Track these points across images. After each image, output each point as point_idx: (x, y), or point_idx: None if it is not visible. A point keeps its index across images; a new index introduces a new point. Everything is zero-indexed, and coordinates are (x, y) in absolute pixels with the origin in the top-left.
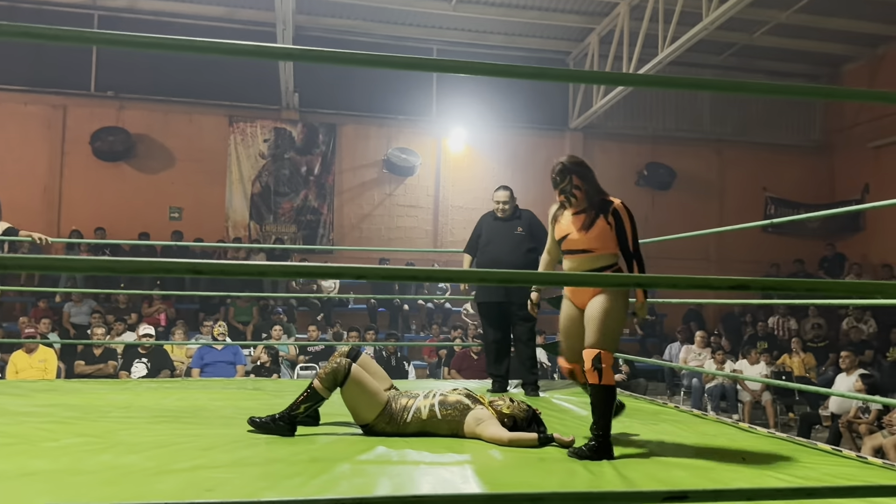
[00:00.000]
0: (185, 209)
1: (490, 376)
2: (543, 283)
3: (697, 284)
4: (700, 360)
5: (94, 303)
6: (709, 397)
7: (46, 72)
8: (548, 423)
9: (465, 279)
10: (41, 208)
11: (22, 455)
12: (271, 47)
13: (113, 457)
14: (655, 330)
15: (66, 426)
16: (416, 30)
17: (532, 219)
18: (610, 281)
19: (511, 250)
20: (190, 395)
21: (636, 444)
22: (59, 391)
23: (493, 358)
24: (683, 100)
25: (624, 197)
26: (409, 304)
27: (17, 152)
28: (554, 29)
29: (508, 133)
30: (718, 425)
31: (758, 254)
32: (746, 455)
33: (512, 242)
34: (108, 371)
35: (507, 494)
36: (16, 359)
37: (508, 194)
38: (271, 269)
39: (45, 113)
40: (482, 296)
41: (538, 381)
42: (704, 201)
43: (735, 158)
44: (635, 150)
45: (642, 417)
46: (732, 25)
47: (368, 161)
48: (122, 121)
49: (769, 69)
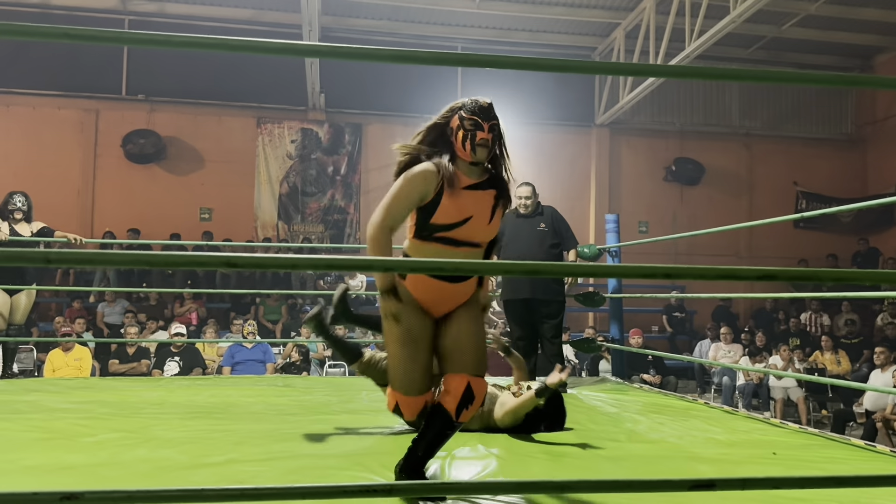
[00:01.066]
0: (215, 210)
1: None
2: (568, 275)
3: (724, 275)
4: (731, 357)
5: (126, 303)
6: (740, 395)
7: (79, 77)
8: (576, 420)
9: (490, 271)
10: (75, 210)
11: (61, 449)
12: (300, 44)
13: (148, 451)
14: (685, 327)
15: (103, 422)
16: (441, 28)
17: (555, 215)
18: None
19: (534, 247)
20: (221, 392)
21: (664, 440)
22: (95, 389)
23: (520, 355)
24: (711, 94)
25: (653, 193)
26: None
27: (52, 156)
28: (579, 24)
29: (533, 130)
30: (749, 421)
31: (789, 250)
32: (777, 450)
33: (535, 239)
34: (141, 369)
35: (535, 482)
36: (53, 357)
37: (531, 190)
38: (302, 262)
39: (78, 117)
40: (507, 293)
41: None
42: (734, 197)
43: (765, 153)
44: (663, 145)
45: (671, 414)
46: (760, 18)
47: (394, 160)
48: (152, 123)
49: (798, 62)
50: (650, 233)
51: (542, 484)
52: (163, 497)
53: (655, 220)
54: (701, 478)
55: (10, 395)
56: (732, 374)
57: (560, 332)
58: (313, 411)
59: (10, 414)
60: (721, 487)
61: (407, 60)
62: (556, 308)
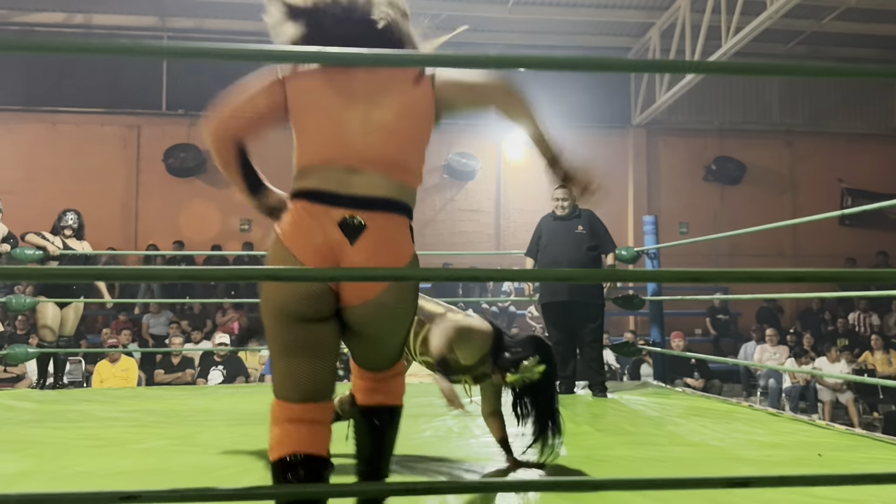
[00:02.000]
0: (255, 221)
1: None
2: (603, 280)
3: (754, 277)
4: (777, 359)
5: (170, 314)
6: (787, 398)
7: (121, 94)
8: (617, 424)
9: (526, 278)
10: (120, 224)
11: (111, 456)
12: (337, 52)
13: (195, 457)
14: (729, 329)
15: (151, 430)
16: (473, 34)
17: (593, 217)
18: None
19: (572, 250)
20: (265, 400)
21: (706, 442)
22: (142, 398)
23: (559, 359)
24: (750, 90)
25: (693, 192)
26: (472, 308)
27: (97, 172)
28: (612, 25)
29: (569, 132)
30: (794, 423)
31: (835, 248)
32: (822, 451)
33: (572, 242)
34: (186, 379)
35: (572, 480)
36: (100, 368)
37: (568, 191)
38: (343, 273)
39: (120, 133)
40: (545, 296)
41: (605, 382)
42: (776, 195)
43: (807, 150)
44: (702, 144)
45: (714, 416)
46: (799, 13)
47: (429, 167)
48: (192, 137)
49: (840, 56)
50: (691, 234)
51: (580, 483)
52: (216, 496)
53: (696, 221)
54: (737, 476)
55: (61, 405)
56: (779, 377)
57: (600, 337)
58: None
59: (63, 423)
60: (756, 485)
61: (438, 64)
62: (595, 312)
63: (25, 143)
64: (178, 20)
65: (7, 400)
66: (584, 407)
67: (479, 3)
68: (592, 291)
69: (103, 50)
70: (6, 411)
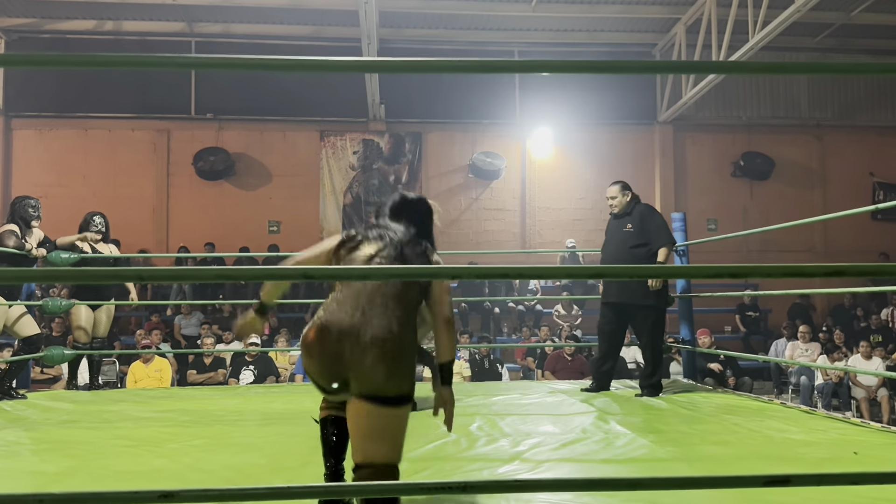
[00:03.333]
0: (283, 223)
1: (593, 373)
2: (635, 276)
3: (790, 273)
4: (808, 356)
5: (202, 315)
6: (819, 395)
7: (151, 99)
8: (647, 423)
9: (556, 275)
10: (151, 227)
11: (147, 455)
12: (357, 61)
13: (229, 456)
14: (759, 326)
15: (185, 429)
16: (497, 34)
17: (646, 213)
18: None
19: (617, 249)
20: (296, 399)
21: (739, 441)
22: (176, 398)
23: (598, 356)
24: (779, 85)
25: (721, 189)
26: (499, 307)
27: (128, 176)
28: (638, 22)
29: (594, 130)
30: (828, 420)
31: (868, 243)
32: (858, 449)
33: (620, 240)
34: (218, 379)
35: (607, 479)
36: (135, 369)
37: (616, 189)
38: (374, 273)
39: (150, 138)
40: (604, 296)
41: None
42: (806, 190)
43: (837, 144)
44: (730, 139)
45: (746, 414)
46: (828, 5)
47: (454, 167)
48: (221, 141)
49: (870, 48)
50: (719, 230)
51: (614, 481)
52: (251, 495)
53: (725, 218)
54: (775, 474)
55: (97, 406)
56: (811, 374)
57: (653, 342)
58: None
59: (99, 423)
60: (796, 483)
61: (461, 70)
62: (644, 314)
63: (58, 149)
64: (205, 25)
65: (44, 401)
66: (617, 405)
67: (502, 1)
68: (639, 292)
69: (131, 63)
70: (44, 412)
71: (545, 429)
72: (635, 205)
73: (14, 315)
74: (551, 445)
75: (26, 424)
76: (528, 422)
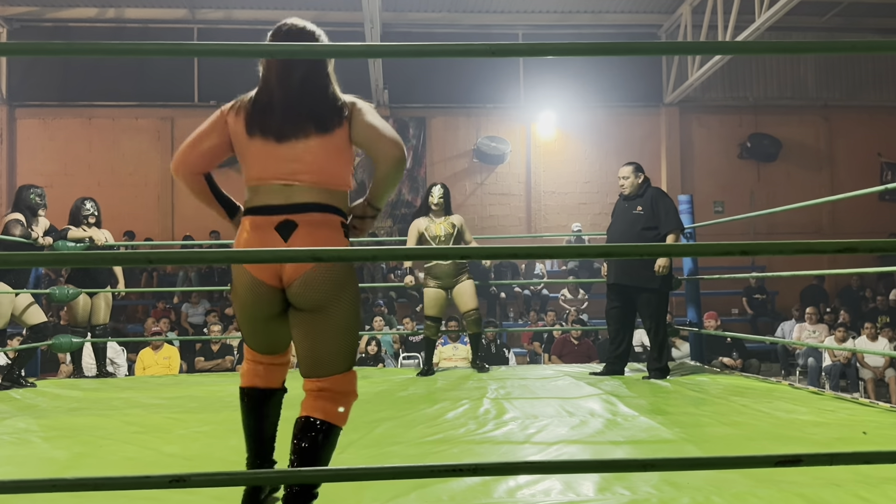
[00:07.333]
0: None
1: (607, 357)
2: (639, 255)
3: (802, 249)
4: (816, 337)
5: (208, 303)
6: (827, 376)
7: (154, 87)
8: (656, 405)
9: (563, 255)
10: (156, 215)
11: (158, 441)
12: (357, 46)
13: (239, 441)
14: (767, 308)
15: (194, 415)
16: (501, 16)
17: (657, 196)
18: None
19: (625, 230)
20: (299, 385)
21: (748, 422)
22: (184, 385)
23: (610, 340)
24: (785, 65)
25: (728, 171)
26: (505, 292)
27: (132, 164)
28: (643, 2)
29: (599, 113)
30: (836, 401)
31: (875, 224)
32: (867, 429)
33: (629, 222)
34: (226, 365)
35: (619, 460)
36: (143, 356)
37: (629, 170)
38: (382, 253)
39: (154, 126)
40: (609, 277)
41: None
42: (814, 171)
43: (845, 124)
44: (736, 121)
45: (754, 396)
46: None
47: (459, 151)
48: None
49: (878, 27)
50: (726, 213)
51: (626, 462)
52: (261, 479)
53: (731, 200)
54: (787, 454)
55: (105, 393)
56: (818, 356)
57: (657, 325)
58: (393, 402)
59: (108, 410)
60: (808, 463)
61: (465, 54)
62: (647, 297)
63: (62, 138)
64: (207, 12)
65: (54, 389)
66: (625, 387)
67: None
68: (644, 275)
69: (133, 51)
70: (53, 400)
71: (554, 411)
72: (647, 188)
73: (21, 304)
74: (560, 427)
75: (36, 412)
76: (536, 405)
